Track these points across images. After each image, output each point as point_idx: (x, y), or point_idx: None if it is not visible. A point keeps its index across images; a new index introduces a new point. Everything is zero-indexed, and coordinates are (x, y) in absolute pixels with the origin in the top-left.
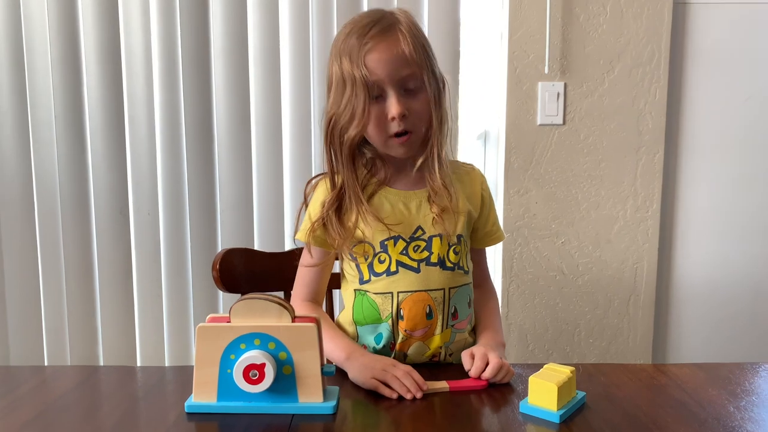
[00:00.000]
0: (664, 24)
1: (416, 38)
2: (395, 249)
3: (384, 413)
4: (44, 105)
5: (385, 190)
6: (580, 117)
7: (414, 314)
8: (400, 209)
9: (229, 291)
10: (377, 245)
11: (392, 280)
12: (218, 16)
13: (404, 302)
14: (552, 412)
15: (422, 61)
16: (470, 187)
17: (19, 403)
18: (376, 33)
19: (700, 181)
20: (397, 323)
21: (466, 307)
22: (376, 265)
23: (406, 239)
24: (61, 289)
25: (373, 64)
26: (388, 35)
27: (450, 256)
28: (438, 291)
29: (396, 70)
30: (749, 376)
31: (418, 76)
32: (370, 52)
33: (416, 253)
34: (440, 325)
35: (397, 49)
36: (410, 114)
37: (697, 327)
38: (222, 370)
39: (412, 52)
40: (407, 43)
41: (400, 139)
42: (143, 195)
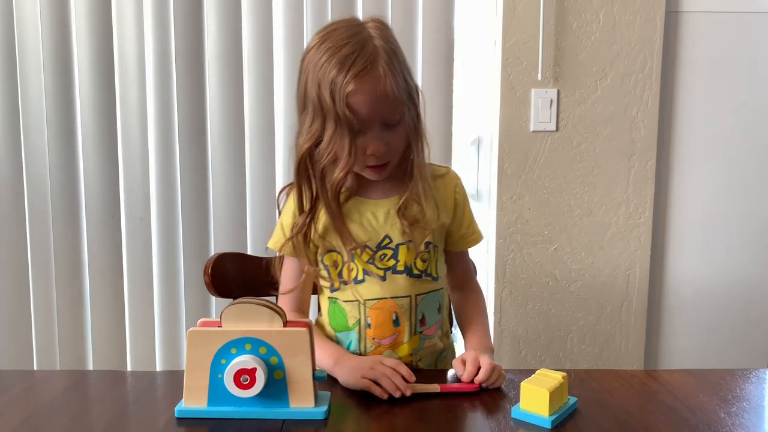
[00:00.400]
0: (656, 32)
1: (395, 68)
2: (362, 258)
3: (375, 419)
4: (36, 110)
5: (355, 200)
6: (573, 124)
7: (381, 322)
8: (369, 218)
9: (221, 296)
10: (345, 254)
11: (359, 288)
12: (212, 22)
13: (371, 310)
14: (544, 418)
15: (401, 94)
16: (443, 193)
17: (7, 408)
18: (359, 71)
19: (692, 188)
20: (366, 331)
21: (435, 313)
22: (345, 273)
23: (373, 249)
24: (51, 294)
25: (356, 105)
26: (371, 73)
27: (417, 263)
28: (404, 298)
29: (379, 110)
30: (740, 383)
31: (398, 110)
32: (353, 94)
33: (382, 261)
34: (408, 332)
35: (380, 88)
36: (388, 148)
37: (689, 333)
38: (213, 375)
39: (393, 90)
40: (389, 79)
41: (376, 169)
42: (135, 200)
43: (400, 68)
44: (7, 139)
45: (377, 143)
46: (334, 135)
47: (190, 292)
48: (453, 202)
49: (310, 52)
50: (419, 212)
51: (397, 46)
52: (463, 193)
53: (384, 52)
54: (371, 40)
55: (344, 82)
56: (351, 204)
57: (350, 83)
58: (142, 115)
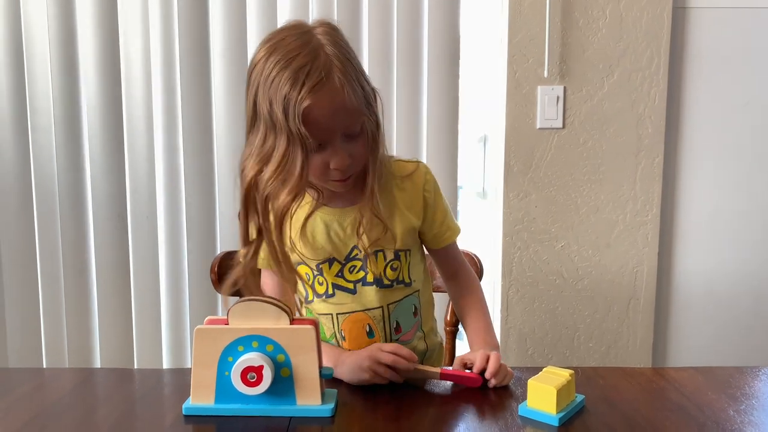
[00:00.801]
0: (663, 28)
1: (351, 75)
2: (330, 272)
3: (382, 416)
4: (44, 110)
5: (321, 210)
6: (579, 121)
7: (355, 335)
8: (335, 230)
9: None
10: (314, 267)
11: (330, 302)
12: (217, 21)
13: (344, 323)
14: (551, 416)
15: (360, 102)
16: (411, 195)
17: (16, 405)
18: (314, 84)
19: (699, 185)
20: (341, 343)
21: (410, 317)
22: (317, 286)
23: (341, 261)
24: (59, 292)
25: (314, 120)
26: (327, 86)
27: (387, 273)
28: (376, 309)
29: (339, 123)
30: (749, 380)
31: (359, 120)
32: (310, 109)
33: (351, 274)
34: (383, 341)
35: (338, 100)
36: (352, 159)
37: (696, 331)
38: (220, 373)
39: (352, 99)
40: (347, 89)
41: (340, 182)
42: (141, 199)
43: (355, 75)
44: (15, 140)
45: (340, 156)
46: (286, 153)
47: (196, 290)
48: (422, 202)
49: (257, 65)
50: (379, 228)
51: (348, 50)
52: (433, 189)
53: (338, 61)
54: (322, 48)
55: (299, 97)
56: (317, 216)
57: (306, 99)
58: (147, 114)
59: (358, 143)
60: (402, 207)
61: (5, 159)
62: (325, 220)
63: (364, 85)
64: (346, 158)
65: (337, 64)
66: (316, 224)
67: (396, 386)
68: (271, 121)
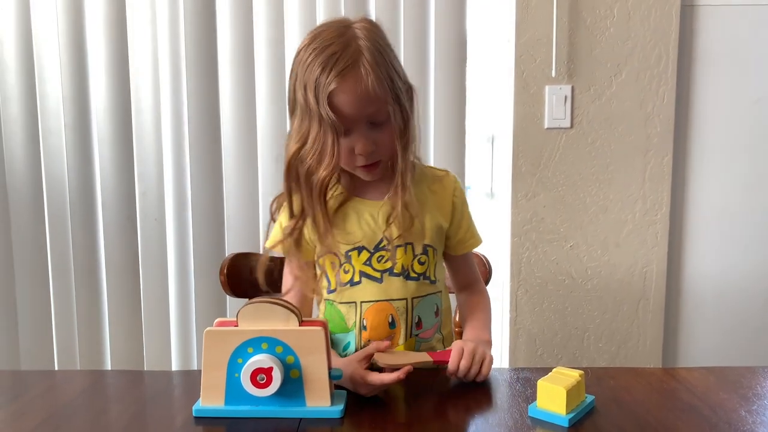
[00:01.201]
0: (671, 26)
1: (380, 66)
2: (359, 259)
3: (392, 417)
4: (54, 114)
5: (353, 201)
6: (588, 120)
7: (376, 324)
8: (366, 219)
9: (236, 295)
10: (342, 256)
11: (355, 290)
12: (225, 27)
13: (367, 312)
14: (561, 416)
15: (386, 93)
16: (441, 197)
17: (28, 407)
18: (340, 71)
19: (709, 184)
20: (361, 333)
21: (432, 316)
22: (342, 275)
23: (370, 250)
24: (70, 295)
25: (339, 104)
26: (351, 73)
27: (415, 266)
28: (400, 301)
29: (361, 110)
30: (761, 380)
31: (383, 109)
32: (334, 94)
33: (380, 263)
34: (403, 335)
35: (361, 88)
36: (376, 147)
37: (707, 331)
38: (229, 374)
39: (375, 88)
40: (371, 79)
41: (366, 168)
42: (150, 202)
43: (385, 68)
44: (26, 143)
45: (364, 142)
46: (318, 135)
47: (204, 292)
48: (451, 206)
49: (299, 53)
50: (410, 222)
51: (384, 46)
52: (461, 197)
53: (368, 52)
54: (356, 40)
55: (326, 81)
56: (349, 205)
57: (332, 83)
58: (156, 118)
59: (383, 132)
60: (432, 206)
61: (16, 162)
62: (357, 210)
63: (395, 78)
64: (369, 144)
65: (366, 54)
66: (349, 213)
67: (406, 387)
68: (305, 104)
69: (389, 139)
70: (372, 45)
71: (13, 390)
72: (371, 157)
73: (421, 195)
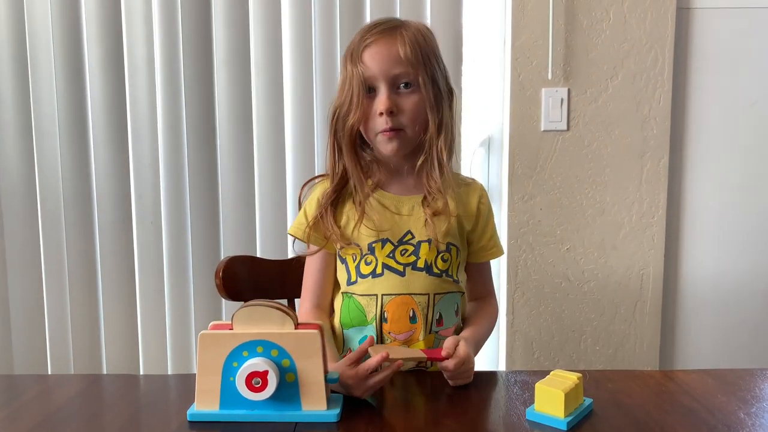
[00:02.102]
0: (667, 29)
1: (418, 44)
2: (382, 252)
3: (388, 421)
4: (49, 115)
5: (378, 193)
6: (584, 123)
7: (398, 317)
8: (392, 213)
9: (232, 299)
10: (365, 247)
11: (377, 282)
12: (220, 29)
13: (388, 305)
14: (559, 419)
15: (418, 63)
16: (466, 199)
17: (21, 412)
18: (378, 31)
19: (705, 187)
20: (382, 326)
21: (452, 315)
22: (363, 266)
23: (394, 243)
24: (64, 298)
25: (368, 59)
26: (388, 35)
27: (438, 262)
28: (422, 296)
29: (388, 67)
30: (759, 383)
31: (412, 76)
32: (367, 48)
33: (403, 257)
34: (423, 330)
35: (393, 48)
36: (399, 112)
37: (704, 333)
38: (224, 378)
39: (408, 54)
40: (404, 45)
41: (387, 133)
42: (146, 204)
43: (425, 49)
44: (19, 144)
45: (386, 101)
46: (349, 88)
47: (200, 295)
48: (476, 211)
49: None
50: (443, 204)
51: (431, 40)
52: (488, 204)
53: (410, 29)
54: (404, 22)
55: (363, 38)
56: (377, 196)
57: (368, 39)
58: (152, 119)
59: (409, 99)
60: (459, 207)
61: (10, 164)
62: (384, 203)
63: (432, 58)
64: (390, 103)
65: (409, 29)
66: (375, 205)
67: (402, 391)
68: (345, 66)
69: (415, 109)
70: (419, 29)
71: (6, 394)
72: (393, 120)
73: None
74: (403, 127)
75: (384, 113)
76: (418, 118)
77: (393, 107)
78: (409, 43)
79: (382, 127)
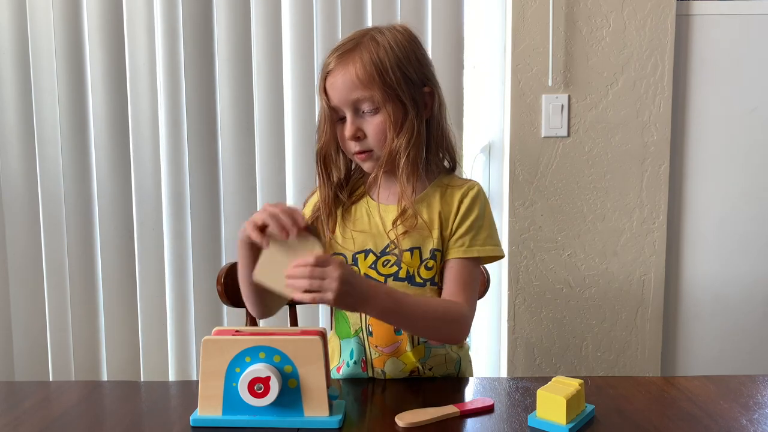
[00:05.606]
0: (667, 36)
1: (374, 64)
2: (365, 263)
3: (391, 428)
4: (50, 123)
5: (366, 200)
6: (584, 129)
7: (381, 330)
8: (376, 221)
9: (234, 305)
10: (350, 258)
11: None
12: (222, 34)
13: (372, 318)
14: (561, 426)
15: (374, 84)
16: (450, 201)
17: (23, 418)
18: (336, 57)
19: (706, 192)
20: (368, 338)
21: None
22: None
23: (377, 253)
24: (65, 304)
25: (329, 89)
26: (345, 60)
27: (421, 271)
28: None
29: (347, 94)
30: (761, 389)
31: (370, 98)
32: (328, 77)
33: (385, 267)
34: (410, 342)
35: (349, 74)
36: (364, 135)
37: (706, 339)
38: (227, 384)
39: (362, 77)
40: (361, 68)
41: (359, 156)
42: (147, 211)
43: (390, 62)
44: (22, 152)
45: (349, 127)
46: (321, 114)
47: (201, 302)
48: (454, 212)
49: None
50: (414, 222)
51: (404, 45)
52: (468, 203)
53: (374, 43)
54: (371, 34)
55: (326, 65)
56: (363, 203)
57: (330, 63)
58: (153, 126)
59: (371, 123)
60: (443, 214)
61: (12, 171)
62: (369, 210)
63: (400, 75)
64: (352, 129)
65: (372, 45)
66: (362, 211)
67: (404, 397)
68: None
69: (377, 131)
70: (386, 40)
71: (8, 401)
72: (360, 144)
73: (433, 201)
74: (371, 148)
75: (349, 139)
76: (383, 137)
77: (357, 132)
78: (365, 64)
79: (353, 150)
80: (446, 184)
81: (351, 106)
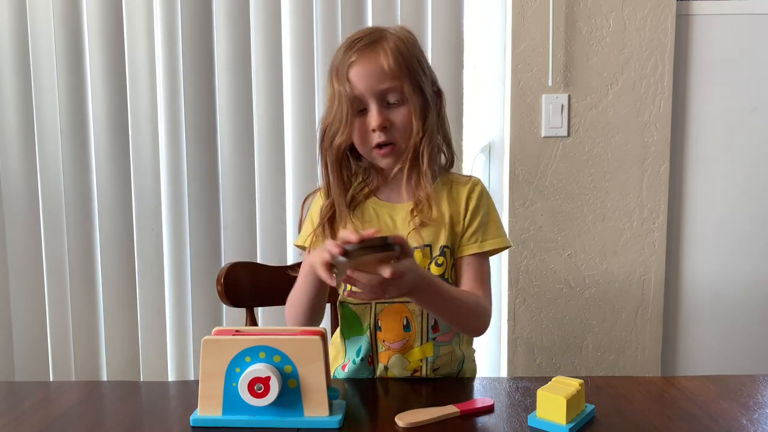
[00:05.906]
0: (667, 35)
1: (401, 53)
2: None
3: (391, 428)
4: (50, 122)
5: (373, 200)
6: (584, 129)
7: (392, 326)
8: (386, 221)
9: (234, 305)
10: None
11: None
12: (221, 36)
13: (381, 313)
14: (561, 426)
15: (403, 75)
16: (458, 199)
17: (23, 418)
18: (360, 48)
19: (706, 192)
20: (376, 334)
21: None
22: None
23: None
24: (65, 304)
25: (354, 78)
26: (371, 50)
27: (432, 268)
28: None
29: (375, 84)
30: (761, 389)
31: (399, 89)
32: (352, 67)
33: None
34: (419, 338)
35: (377, 63)
36: (391, 126)
37: (706, 339)
38: (227, 384)
39: (392, 66)
40: (388, 58)
41: (381, 150)
42: (147, 211)
43: (409, 57)
44: (22, 151)
45: (376, 117)
46: (338, 108)
47: (201, 302)
48: (464, 209)
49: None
50: (430, 213)
51: (413, 45)
52: (476, 199)
53: (392, 38)
54: (384, 31)
55: (347, 56)
56: (370, 204)
57: (352, 56)
58: (153, 127)
59: (398, 113)
60: (452, 208)
61: (12, 170)
62: (377, 211)
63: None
64: (381, 119)
65: (389, 40)
66: (369, 212)
67: (405, 397)
68: (332, 88)
69: (404, 122)
70: (399, 37)
71: (8, 401)
72: (386, 134)
73: (440, 198)
74: (396, 141)
75: (377, 129)
76: (408, 129)
77: (385, 122)
78: (392, 55)
79: (376, 141)
80: (450, 181)
81: (377, 96)
